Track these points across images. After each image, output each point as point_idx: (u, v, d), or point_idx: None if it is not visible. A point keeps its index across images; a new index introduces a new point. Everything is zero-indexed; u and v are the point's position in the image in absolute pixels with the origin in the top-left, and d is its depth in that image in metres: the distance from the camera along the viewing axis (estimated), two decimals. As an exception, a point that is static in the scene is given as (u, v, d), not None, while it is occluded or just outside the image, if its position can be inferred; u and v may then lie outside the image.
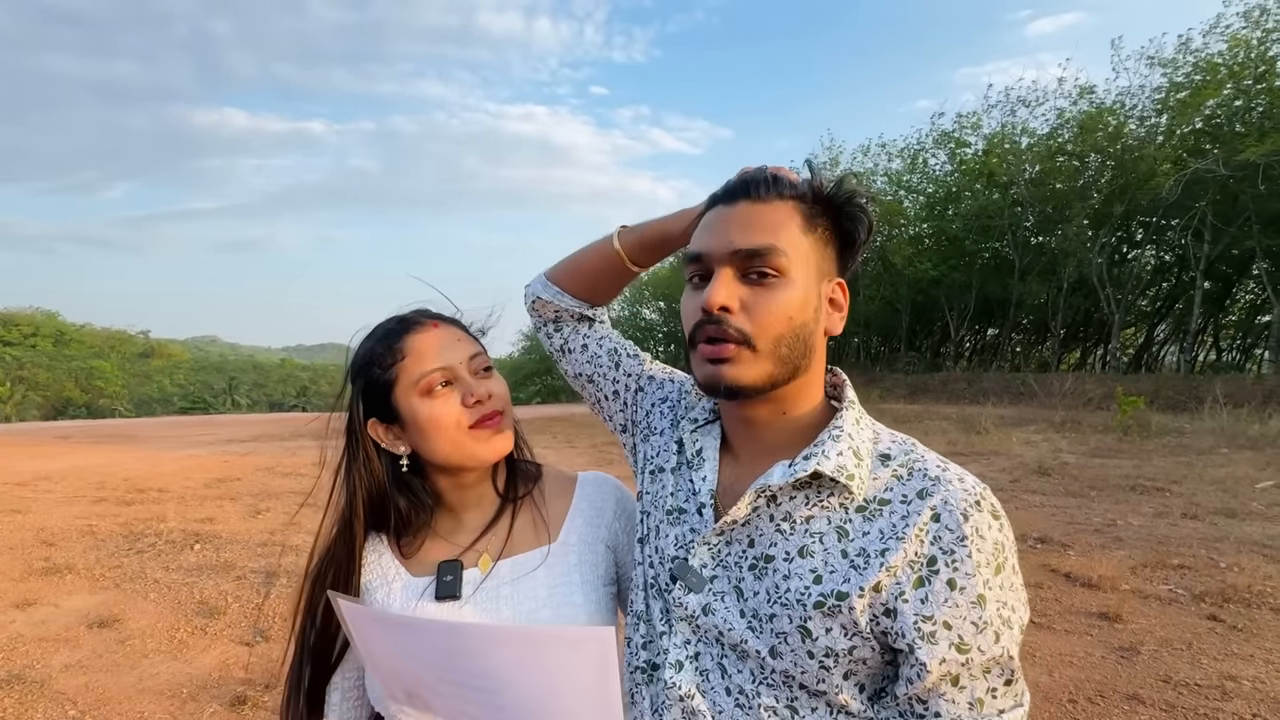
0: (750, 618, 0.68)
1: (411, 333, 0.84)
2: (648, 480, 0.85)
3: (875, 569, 0.63)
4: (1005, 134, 22.30)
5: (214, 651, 3.16)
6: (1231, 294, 23.17)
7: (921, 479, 0.67)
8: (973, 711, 0.62)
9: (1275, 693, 2.76)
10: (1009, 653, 0.62)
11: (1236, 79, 17.03)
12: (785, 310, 0.68)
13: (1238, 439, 10.20)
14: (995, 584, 0.62)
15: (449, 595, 0.81)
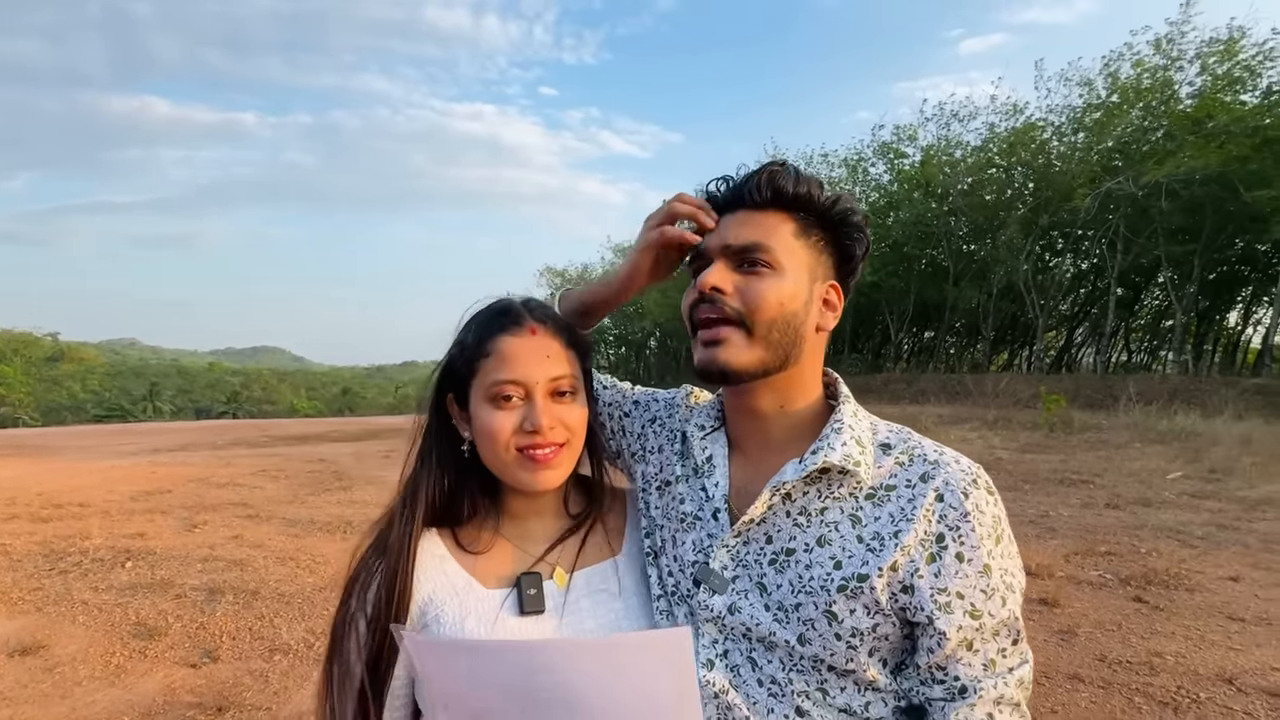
0: (776, 610, 0.72)
1: (507, 332, 0.80)
2: (655, 496, 0.87)
3: (891, 550, 0.69)
4: (940, 147, 23.47)
5: (156, 675, 2.96)
6: (1140, 300, 25.09)
7: (922, 464, 0.73)
8: (987, 671, 0.68)
9: (1195, 666, 3.01)
10: (1014, 614, 0.69)
11: (1145, 101, 18.50)
12: (775, 296, 0.73)
13: (1149, 434, 11.05)
14: (997, 554, 0.69)
15: (534, 610, 0.78)
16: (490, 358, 0.79)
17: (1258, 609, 3.68)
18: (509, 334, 0.80)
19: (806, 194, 0.75)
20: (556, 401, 0.80)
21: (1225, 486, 7.08)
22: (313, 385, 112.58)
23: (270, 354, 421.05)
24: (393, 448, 12.37)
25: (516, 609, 0.78)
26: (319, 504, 6.74)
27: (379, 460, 10.48)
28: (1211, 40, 17.63)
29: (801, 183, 0.76)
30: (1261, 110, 16.90)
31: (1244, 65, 17.31)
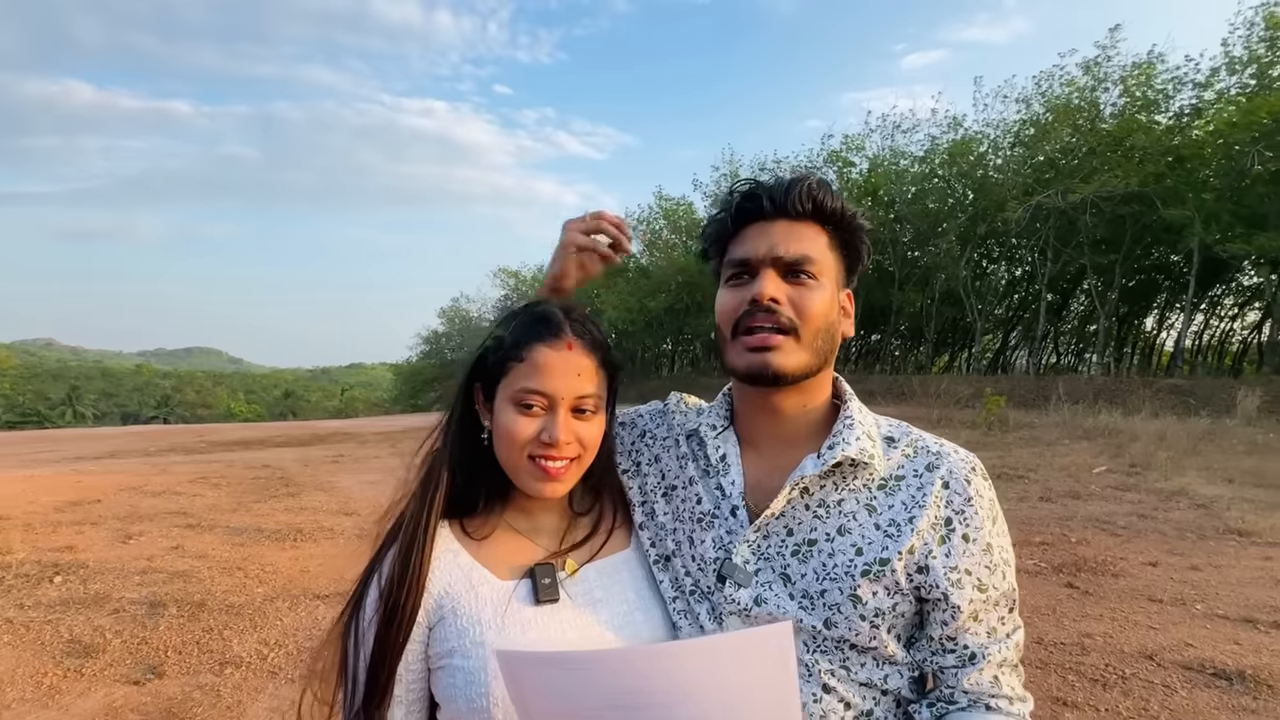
0: (801, 598, 0.77)
1: (544, 342, 0.81)
2: (661, 504, 0.90)
3: (908, 535, 0.75)
4: (886, 157, 24.39)
5: (95, 695, 2.80)
6: (1068, 305, 26.67)
7: (926, 455, 0.80)
8: (990, 638, 0.76)
9: (1120, 645, 3.25)
10: (1012, 586, 0.77)
11: (1073, 120, 19.72)
12: (821, 306, 0.79)
13: (1076, 431, 11.79)
14: (995, 532, 0.77)
15: (549, 599, 0.80)
16: (523, 363, 0.80)
17: (1174, 591, 4.00)
18: (545, 344, 0.81)
19: (840, 209, 0.80)
20: (577, 417, 0.82)
21: (1144, 479, 7.63)
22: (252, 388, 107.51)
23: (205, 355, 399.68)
24: (341, 452, 11.98)
25: (531, 598, 0.80)
26: (265, 512, 6.48)
27: (328, 465, 10.13)
28: (1132, 65, 18.98)
29: (835, 198, 0.81)
30: (1173, 131, 18.29)
31: (1159, 89, 18.71)
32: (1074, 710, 2.68)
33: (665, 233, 32.33)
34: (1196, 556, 4.71)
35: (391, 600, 0.76)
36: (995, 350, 28.89)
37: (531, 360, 0.80)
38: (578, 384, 0.81)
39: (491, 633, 0.77)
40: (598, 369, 0.83)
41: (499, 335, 0.84)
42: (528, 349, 0.80)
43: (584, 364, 0.82)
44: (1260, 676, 2.87)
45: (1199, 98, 18.26)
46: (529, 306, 0.87)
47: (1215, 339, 26.56)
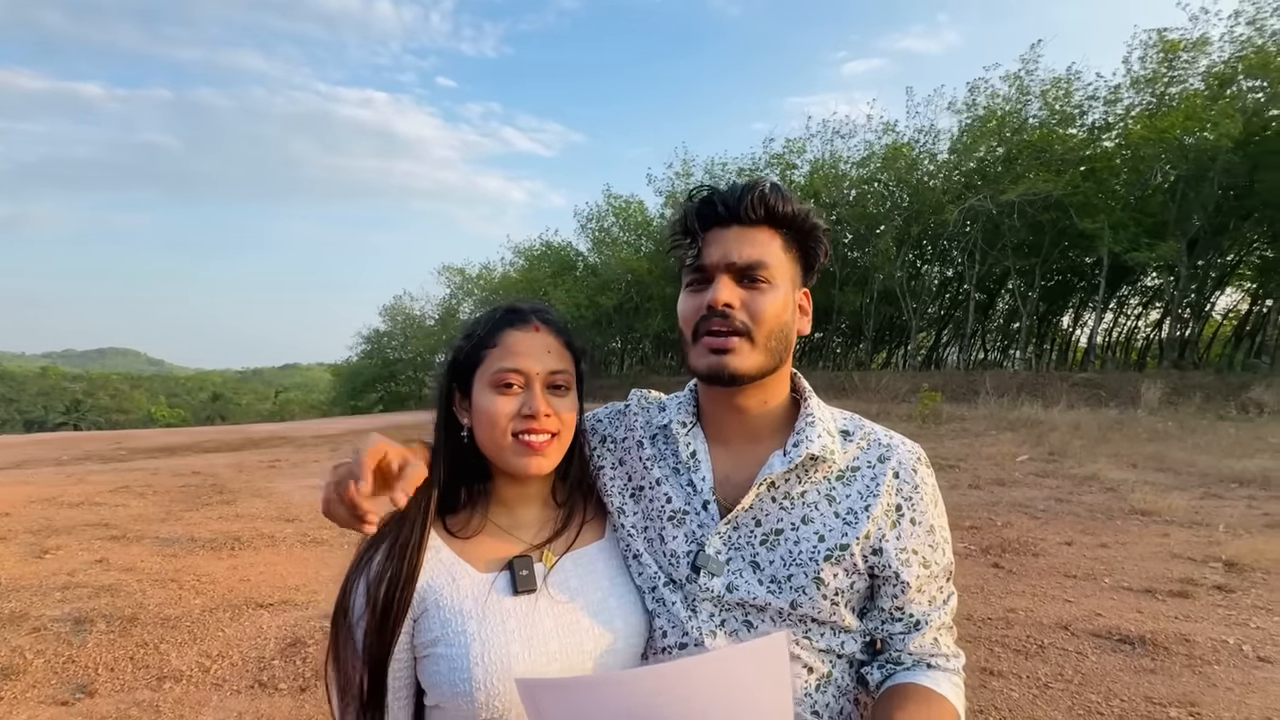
0: (769, 583, 0.84)
1: (514, 327, 0.88)
2: (630, 504, 0.94)
3: (864, 521, 0.84)
4: (826, 160, 25.21)
5: (18, 718, 2.63)
6: (994, 304, 28.25)
7: (878, 447, 0.89)
8: (931, 606, 0.86)
9: (1040, 618, 3.53)
10: (950, 560, 0.88)
11: (1000, 130, 20.95)
12: (774, 309, 0.84)
13: (1002, 422, 12.56)
14: (936, 514, 0.88)
15: (526, 589, 0.84)
16: (497, 348, 0.86)
17: (1086, 567, 4.37)
18: (515, 329, 0.87)
19: (792, 212, 0.85)
20: (553, 394, 0.88)
21: (1061, 466, 8.23)
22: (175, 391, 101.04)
23: (121, 356, 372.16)
24: (278, 457, 11.47)
25: (510, 589, 0.84)
26: (198, 521, 6.17)
27: (264, 471, 9.70)
28: (1051, 80, 20.33)
29: (788, 202, 0.85)
30: (1086, 143, 19.70)
31: (1075, 105, 20.12)
32: (999, 678, 2.91)
33: (615, 230, 32.37)
34: (1105, 535, 5.14)
35: (386, 597, 0.80)
36: (929, 347, 30.33)
37: (504, 344, 0.86)
38: (549, 360, 0.87)
39: (473, 622, 0.81)
40: (564, 348, 0.90)
41: (469, 333, 0.90)
42: (500, 335, 0.87)
43: (552, 343, 0.88)
44: (1158, 640, 3.19)
45: (1109, 113, 19.78)
46: (491, 308, 0.93)
47: (1123, 336, 28.76)
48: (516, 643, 0.81)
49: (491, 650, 0.80)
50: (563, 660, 0.82)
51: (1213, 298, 22.03)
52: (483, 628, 0.81)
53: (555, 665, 0.82)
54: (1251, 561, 4.32)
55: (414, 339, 39.70)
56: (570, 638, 0.84)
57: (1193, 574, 4.17)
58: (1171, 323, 20.48)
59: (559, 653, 0.82)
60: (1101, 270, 19.84)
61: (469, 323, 0.93)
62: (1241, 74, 16.81)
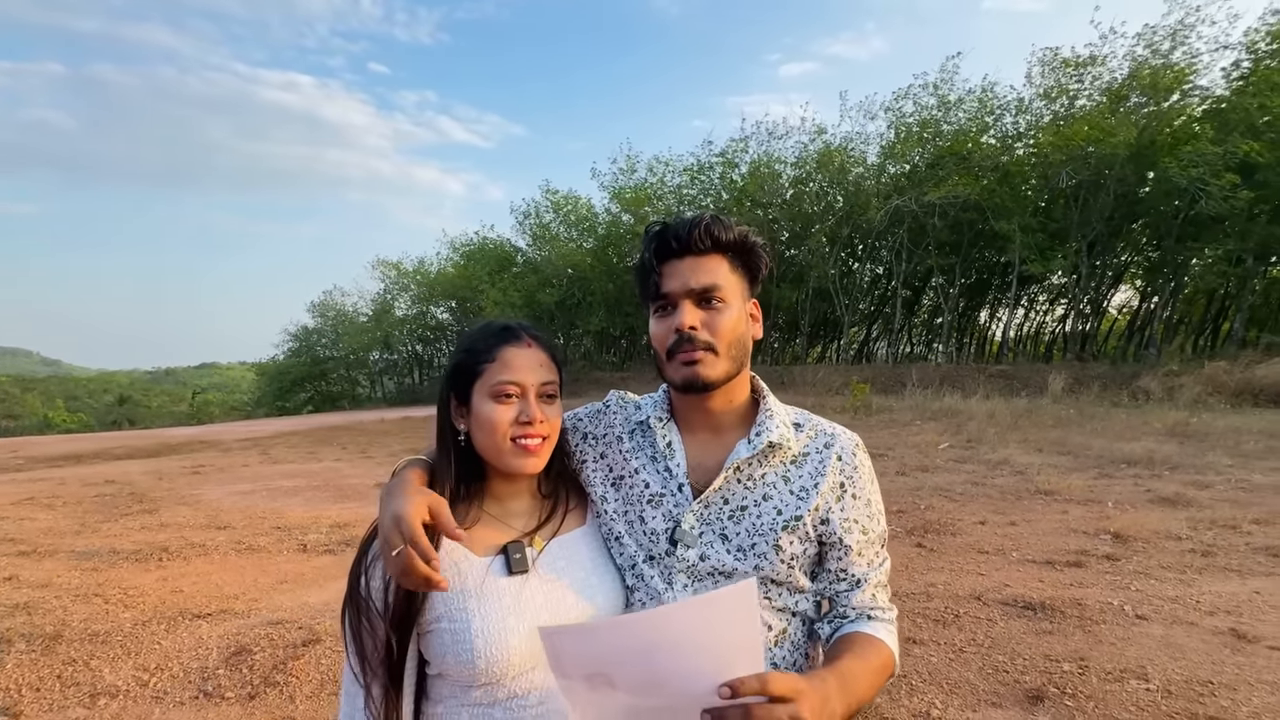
0: (736, 551, 1.00)
1: (510, 344, 1.00)
2: (611, 492, 1.09)
3: (814, 496, 1.01)
4: (762, 161, 25.93)
5: (-67, 745, 2.49)
6: (919, 301, 29.89)
7: (824, 436, 1.06)
8: (869, 567, 1.03)
9: (956, 590, 3.88)
10: (884, 528, 1.06)
11: (923, 135, 22.17)
12: (730, 324, 1.00)
13: (926, 413, 13.37)
14: (872, 490, 1.06)
15: (520, 570, 0.96)
16: (495, 362, 0.99)
17: (997, 543, 4.80)
18: (511, 345, 1.00)
19: (733, 238, 1.01)
20: (545, 402, 1.01)
21: (977, 452, 8.89)
22: (75, 394, 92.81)
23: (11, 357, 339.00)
24: (202, 462, 10.87)
25: (504, 570, 0.97)
26: (118, 532, 5.83)
27: (187, 477, 9.19)
28: (970, 90, 21.72)
29: (730, 229, 1.00)
30: (1001, 150, 21.16)
31: (989, 112, 21.55)
32: (920, 645, 3.20)
33: (555, 226, 32.11)
34: (1014, 514, 5.65)
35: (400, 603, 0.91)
36: (860, 341, 31.76)
37: (502, 359, 0.99)
38: (541, 372, 1.00)
39: (473, 600, 0.93)
40: (551, 362, 1.04)
41: (468, 348, 1.02)
42: (498, 350, 1.00)
43: (542, 358, 1.02)
44: (1055, 605, 3.58)
45: (1019, 122, 21.32)
46: (485, 325, 1.05)
47: (1032, 330, 31.05)
48: (512, 616, 0.93)
49: (490, 624, 0.92)
50: None
51: (1109, 295, 24.14)
52: (482, 605, 0.93)
53: None
54: (1134, 533, 4.87)
55: (346, 336, 38.00)
56: (557, 610, 0.97)
57: (1086, 546, 4.66)
58: (1074, 318, 22.31)
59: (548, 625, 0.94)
60: (1014, 269, 21.36)
61: (466, 338, 1.04)
62: (1136, 90, 18.47)
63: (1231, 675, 2.80)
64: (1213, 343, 22.20)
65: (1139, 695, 2.66)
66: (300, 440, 14.40)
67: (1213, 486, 6.36)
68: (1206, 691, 2.67)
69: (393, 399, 36.13)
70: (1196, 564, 4.21)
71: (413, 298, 38.16)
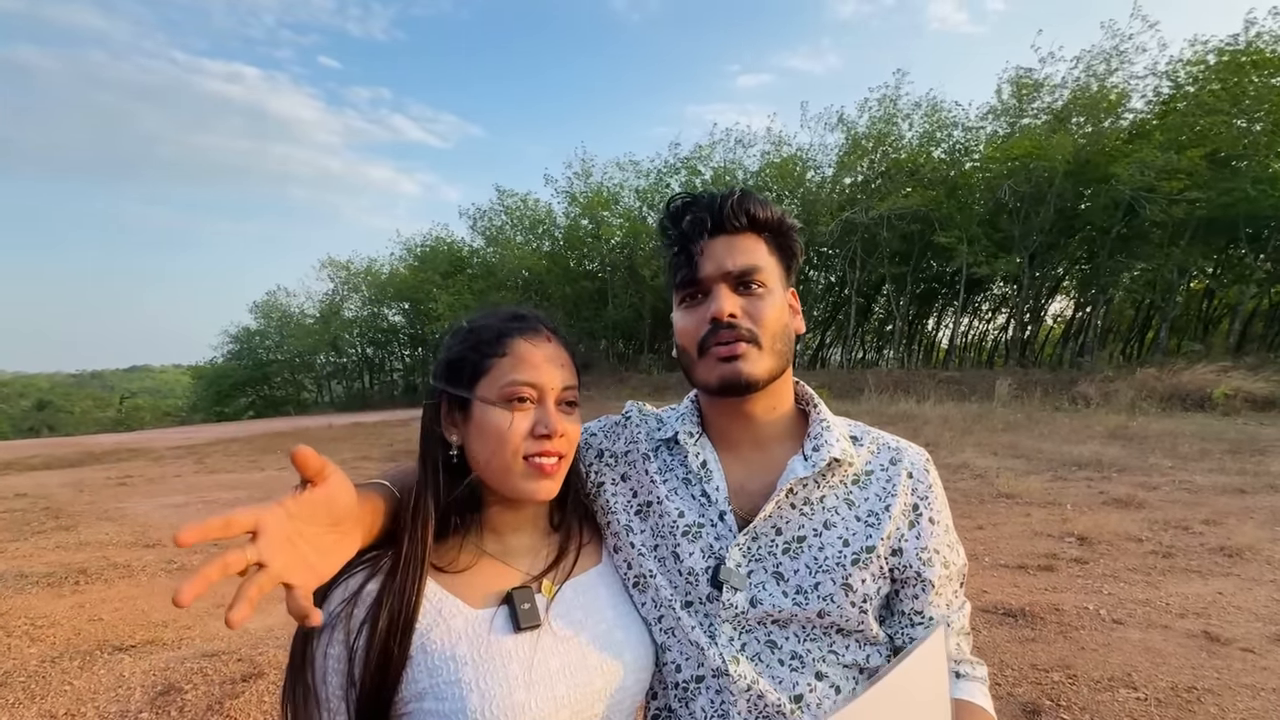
0: (795, 594, 0.80)
1: (524, 336, 0.79)
2: (636, 521, 0.89)
3: (885, 522, 0.83)
4: (727, 167, 26.19)
5: None
6: (871, 308, 30.71)
7: (889, 450, 0.89)
8: (949, 609, 0.85)
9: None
10: (964, 561, 0.88)
11: (877, 148, 22.82)
12: (775, 312, 0.83)
13: (883, 417, 13.63)
14: (947, 514, 0.88)
15: (530, 625, 0.74)
16: (507, 357, 0.77)
17: (969, 548, 4.78)
18: (526, 338, 0.79)
19: (772, 217, 0.84)
20: (564, 412, 0.80)
21: (937, 456, 9.05)
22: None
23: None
24: (129, 473, 10.06)
25: (510, 627, 0.75)
26: (29, 551, 5.24)
27: (112, 489, 8.46)
28: (917, 104, 22.49)
29: (766, 207, 0.85)
30: (949, 164, 21.97)
31: (937, 126, 22.37)
32: (909, 659, 3.11)
33: (508, 228, 31.59)
34: (980, 518, 5.70)
35: (383, 651, 0.68)
36: (814, 348, 32.39)
37: (515, 353, 0.77)
38: (563, 374, 0.79)
39: (469, 669, 0.71)
40: (572, 363, 0.83)
41: (466, 340, 0.79)
42: (510, 343, 0.77)
43: (564, 356, 0.81)
44: (1034, 611, 3.56)
45: (968, 137, 22.19)
46: (491, 310, 0.83)
47: (976, 337, 32.33)
48: (521, 689, 0.71)
49: (493, 702, 0.69)
50: (572, 706, 0.74)
51: (1046, 304, 25.36)
52: (481, 675, 0.70)
53: (564, 713, 0.73)
54: (1096, 535, 4.96)
55: (291, 338, 36.35)
56: (579, 677, 0.75)
57: (1054, 549, 4.71)
58: (1015, 325, 23.33)
59: (567, 697, 0.73)
60: (961, 279, 22.16)
61: (464, 327, 0.81)
62: (1075, 111, 19.51)
63: (1213, 680, 2.80)
64: (1139, 350, 23.64)
65: (1131, 705, 2.63)
66: (240, 448, 13.57)
67: (1159, 488, 6.61)
68: (1193, 698, 2.66)
69: (341, 404, 34.79)
70: (1160, 565, 4.30)
71: (363, 299, 36.86)
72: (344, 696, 0.68)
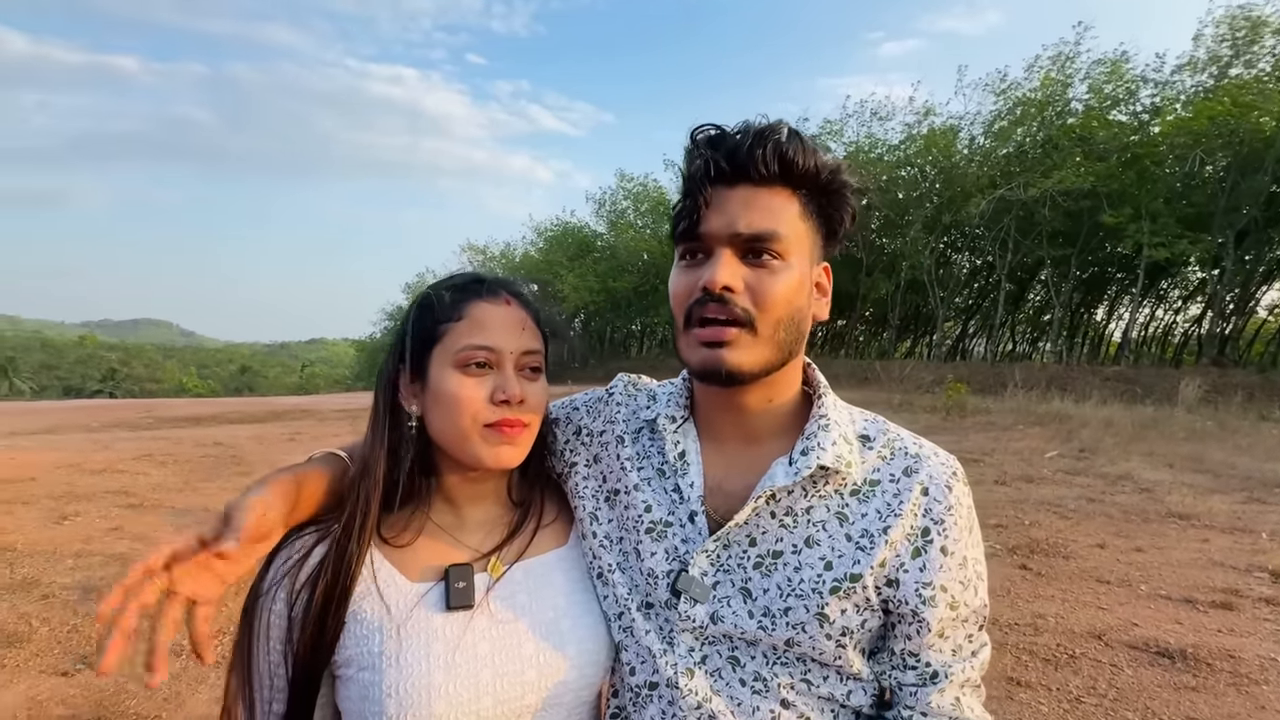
0: (761, 616, 0.69)
1: (482, 298, 0.75)
2: (604, 509, 0.80)
3: (880, 546, 0.68)
4: (862, 144, 24.52)
5: (18, 687, 2.62)
6: (1025, 295, 27.47)
7: (904, 457, 0.72)
8: (955, 657, 0.69)
9: (1071, 625, 3.34)
10: (984, 602, 0.71)
11: (1041, 114, 20.09)
12: (785, 293, 0.68)
13: (1030, 417, 12.18)
14: (970, 544, 0.70)
15: (462, 605, 0.71)
16: (463, 321, 0.74)
17: (1120, 572, 4.15)
18: (484, 300, 0.75)
19: (815, 167, 0.68)
20: (526, 378, 0.76)
21: (1093, 464, 7.92)
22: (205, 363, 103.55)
23: (154, 328, 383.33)
24: (298, 430, 11.60)
25: (442, 604, 0.72)
26: (214, 492, 6.22)
27: (283, 443, 9.80)
28: (1099, 60, 19.41)
29: (810, 154, 0.67)
30: (1131, 129, 18.83)
31: (1122, 84, 19.17)
32: (1027, 689, 2.74)
33: (630, 213, 32.07)
34: (1141, 539, 4.90)
35: (320, 613, 0.68)
36: (955, 337, 29.66)
37: (471, 317, 0.74)
38: (523, 338, 0.75)
39: (392, 643, 0.69)
40: (536, 328, 0.78)
41: (422, 305, 0.76)
42: (466, 306, 0.74)
43: (525, 319, 0.77)
44: (1200, 655, 2.99)
45: (1160, 96, 18.79)
46: (449, 276, 0.80)
47: (1159, 330, 27.76)
48: (440, 670, 0.68)
49: (409, 679, 0.67)
50: (495, 694, 0.69)
51: (1258, 293, 21.09)
52: (404, 650, 0.68)
53: (486, 700, 0.69)
54: (1301, 573, 4.06)
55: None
56: (509, 665, 0.71)
57: (1236, 584, 3.93)
58: (1213, 318, 19.67)
59: (491, 684, 0.69)
60: (1140, 262, 19.05)
61: (422, 294, 0.78)
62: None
63: None
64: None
65: (1324, 786, 2.12)
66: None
67: (1404, 523, 5.27)
68: None
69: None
70: (1391, 619, 3.43)
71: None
72: (284, 653, 0.69)
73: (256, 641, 0.70)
